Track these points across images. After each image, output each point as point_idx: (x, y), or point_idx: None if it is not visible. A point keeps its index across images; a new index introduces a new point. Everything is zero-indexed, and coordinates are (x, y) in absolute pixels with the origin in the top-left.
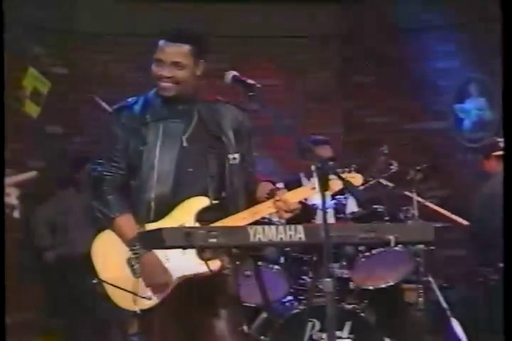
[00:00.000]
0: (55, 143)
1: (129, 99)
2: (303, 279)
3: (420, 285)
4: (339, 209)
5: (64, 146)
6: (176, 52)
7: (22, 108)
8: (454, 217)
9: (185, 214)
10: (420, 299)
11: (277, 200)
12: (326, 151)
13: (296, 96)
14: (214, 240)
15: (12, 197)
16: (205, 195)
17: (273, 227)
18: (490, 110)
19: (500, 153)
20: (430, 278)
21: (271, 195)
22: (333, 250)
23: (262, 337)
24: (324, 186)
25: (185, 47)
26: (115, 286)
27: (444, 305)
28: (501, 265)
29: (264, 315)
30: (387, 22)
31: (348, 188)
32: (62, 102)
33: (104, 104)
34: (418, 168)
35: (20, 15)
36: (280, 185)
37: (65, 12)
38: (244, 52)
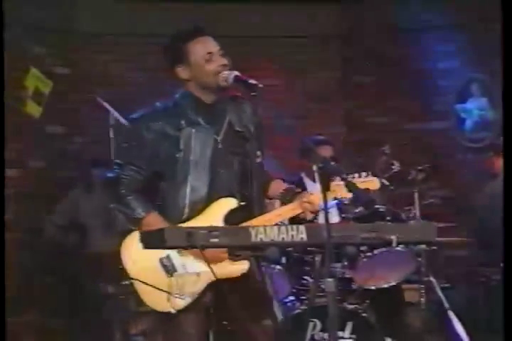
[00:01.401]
0: (55, 143)
1: (158, 104)
2: (305, 279)
3: (422, 286)
4: (341, 209)
5: (64, 146)
6: (213, 41)
7: (24, 108)
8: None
9: (214, 216)
10: (422, 299)
11: (304, 202)
12: (327, 151)
13: (296, 96)
14: (215, 240)
15: None
16: (234, 196)
17: (275, 227)
18: (491, 110)
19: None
20: (432, 278)
21: (285, 195)
22: (334, 250)
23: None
24: (326, 186)
25: (211, 37)
26: (151, 286)
27: (446, 305)
28: (502, 265)
29: None
30: (387, 22)
31: (351, 190)
32: (62, 102)
33: (105, 104)
34: (419, 167)
35: (20, 15)
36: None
37: (65, 12)
38: (244, 52)
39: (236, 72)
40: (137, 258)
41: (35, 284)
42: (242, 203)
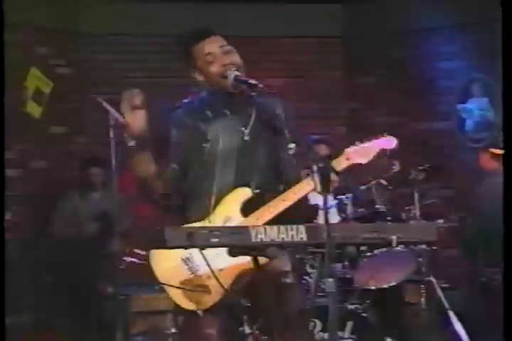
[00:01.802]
0: (56, 143)
1: (185, 100)
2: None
3: (422, 286)
4: (341, 209)
5: (65, 146)
6: (217, 40)
7: (24, 108)
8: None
9: (231, 207)
10: (422, 299)
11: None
12: (321, 150)
13: (296, 96)
14: (216, 240)
15: None
16: (259, 187)
17: (275, 227)
18: (492, 110)
19: (497, 151)
20: (432, 278)
21: None
22: (335, 250)
23: (264, 337)
24: (326, 186)
25: (219, 36)
26: (175, 287)
27: (446, 305)
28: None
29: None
30: (387, 22)
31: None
32: (64, 102)
33: (105, 104)
34: (420, 167)
35: (21, 16)
36: None
37: (66, 12)
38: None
39: (236, 72)
40: (161, 259)
41: (35, 284)
42: (256, 191)
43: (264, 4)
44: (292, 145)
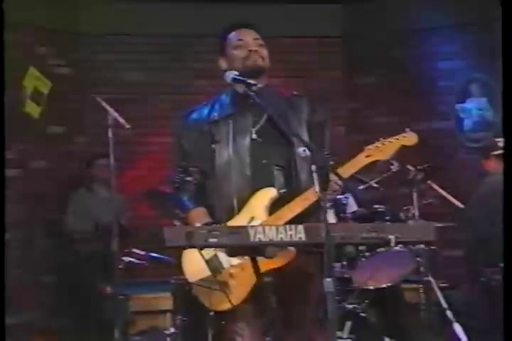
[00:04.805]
0: (56, 143)
1: (204, 103)
2: None
3: (421, 285)
4: (340, 209)
5: (65, 146)
6: (250, 33)
7: (23, 108)
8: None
9: (256, 207)
10: (421, 299)
11: None
12: None
13: None
14: (215, 240)
15: None
16: (276, 186)
17: (273, 227)
18: (491, 110)
19: (499, 152)
20: (431, 278)
21: None
22: (334, 250)
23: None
24: (324, 185)
25: (254, 31)
26: (204, 286)
27: (444, 305)
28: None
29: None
30: (387, 22)
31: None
32: (64, 102)
33: (104, 104)
34: (419, 167)
35: (20, 16)
36: None
37: (66, 12)
38: None
39: (235, 72)
40: (189, 257)
41: (35, 284)
42: (282, 191)
43: (264, 4)
44: (306, 149)
